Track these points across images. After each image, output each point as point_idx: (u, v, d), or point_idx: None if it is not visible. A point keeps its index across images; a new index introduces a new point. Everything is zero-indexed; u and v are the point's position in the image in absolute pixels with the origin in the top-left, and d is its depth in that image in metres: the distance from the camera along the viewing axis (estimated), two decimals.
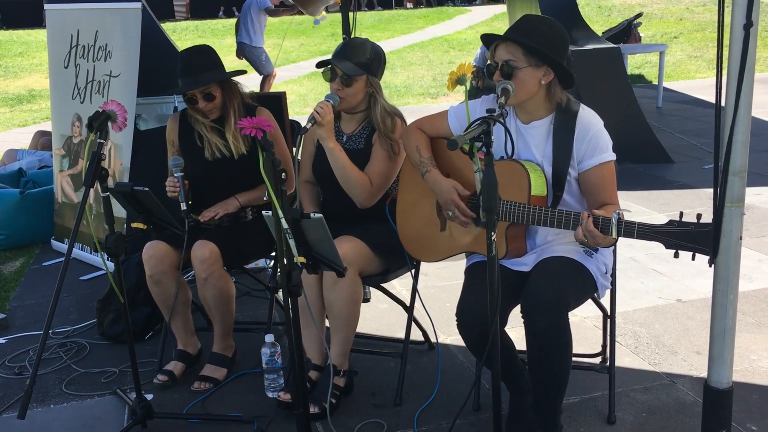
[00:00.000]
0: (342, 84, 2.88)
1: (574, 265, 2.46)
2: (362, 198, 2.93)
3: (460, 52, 14.96)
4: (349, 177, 2.89)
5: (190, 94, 3.12)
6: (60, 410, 3.08)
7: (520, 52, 2.40)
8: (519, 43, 2.40)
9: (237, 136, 3.17)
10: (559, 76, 2.47)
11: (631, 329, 3.50)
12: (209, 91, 3.13)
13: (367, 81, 2.91)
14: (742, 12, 2.04)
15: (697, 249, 2.13)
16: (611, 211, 2.23)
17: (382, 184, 2.95)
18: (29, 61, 15.08)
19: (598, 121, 2.50)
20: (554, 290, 2.33)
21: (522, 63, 2.40)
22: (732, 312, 2.27)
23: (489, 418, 2.70)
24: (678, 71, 12.38)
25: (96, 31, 4.59)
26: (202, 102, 3.13)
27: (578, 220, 2.29)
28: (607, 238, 2.24)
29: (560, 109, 2.50)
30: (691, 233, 2.13)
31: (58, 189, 5.10)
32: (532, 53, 2.40)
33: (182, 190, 3.02)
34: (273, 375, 3.03)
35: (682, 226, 2.14)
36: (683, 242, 2.14)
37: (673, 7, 17.79)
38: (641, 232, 2.20)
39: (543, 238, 2.57)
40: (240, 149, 3.18)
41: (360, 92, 2.91)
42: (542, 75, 2.43)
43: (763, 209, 5.16)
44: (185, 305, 3.23)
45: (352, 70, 2.86)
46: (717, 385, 2.33)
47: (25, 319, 4.03)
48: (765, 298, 3.76)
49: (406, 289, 3.32)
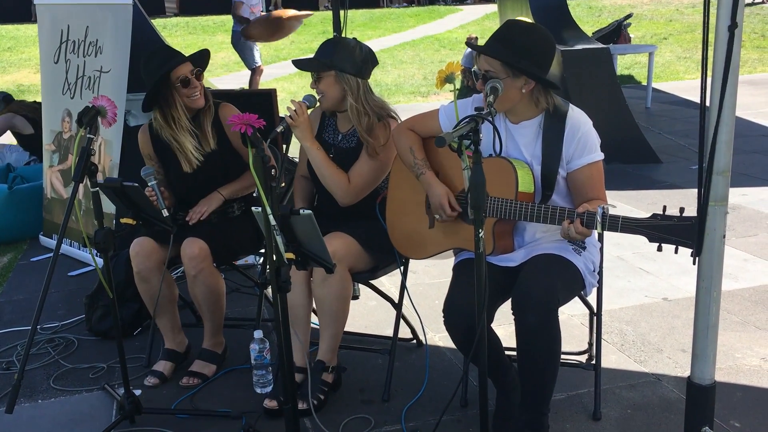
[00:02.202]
0: (314, 82, 2.91)
1: (563, 263, 2.48)
2: (340, 196, 2.94)
3: (451, 51, 14.98)
4: (326, 175, 2.91)
5: (182, 74, 3.09)
6: (48, 405, 3.08)
7: (498, 64, 2.42)
8: (498, 57, 2.42)
9: (206, 132, 3.17)
10: (543, 83, 2.48)
11: (617, 327, 3.53)
12: (196, 69, 3.14)
13: (337, 77, 2.89)
14: (727, 14, 2.07)
15: (680, 242, 2.17)
16: (596, 205, 2.27)
17: (361, 185, 2.94)
18: (18, 56, 14.99)
19: (587, 121, 2.53)
20: (544, 287, 2.36)
21: (501, 74, 2.41)
22: (715, 309, 2.30)
23: (476, 415, 2.72)
24: (667, 72, 12.45)
25: (86, 26, 4.58)
26: (195, 81, 3.12)
27: (563, 215, 2.32)
28: (590, 232, 2.28)
29: (549, 110, 2.52)
30: (674, 226, 2.16)
31: (48, 184, 5.08)
32: (509, 66, 2.42)
33: (160, 198, 2.95)
34: (262, 371, 3.04)
35: (665, 219, 2.17)
36: (666, 235, 2.17)
37: (662, 8, 17.90)
38: (625, 226, 2.23)
39: (531, 235, 2.59)
40: (210, 145, 3.18)
41: (331, 88, 2.90)
42: (522, 84, 2.44)
43: (749, 209, 5.21)
44: (172, 303, 3.22)
45: (317, 67, 2.88)
46: (700, 382, 2.36)
47: (13, 314, 4.02)
48: (750, 297, 3.81)
49: (395, 286, 3.33)
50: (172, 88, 3.11)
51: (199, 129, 3.19)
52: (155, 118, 3.18)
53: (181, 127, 3.15)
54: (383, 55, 14.39)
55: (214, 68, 12.38)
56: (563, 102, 2.55)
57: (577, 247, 2.55)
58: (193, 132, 3.17)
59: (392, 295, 3.23)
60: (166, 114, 3.14)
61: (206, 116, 3.22)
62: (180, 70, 3.10)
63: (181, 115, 3.15)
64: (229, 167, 3.26)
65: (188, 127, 3.16)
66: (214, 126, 3.22)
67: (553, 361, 2.42)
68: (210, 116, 3.22)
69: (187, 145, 3.15)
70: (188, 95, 3.13)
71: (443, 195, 2.61)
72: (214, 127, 3.22)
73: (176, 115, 3.14)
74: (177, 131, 3.15)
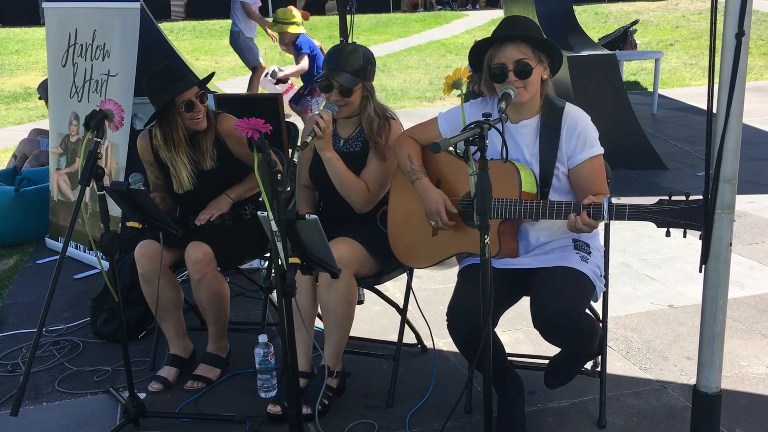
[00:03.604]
0: (341, 95, 2.89)
1: (574, 274, 2.47)
2: (360, 204, 2.95)
3: (457, 56, 14.98)
4: (347, 185, 2.90)
5: (187, 98, 3.07)
6: (53, 408, 3.08)
7: (530, 50, 2.44)
8: (529, 40, 2.45)
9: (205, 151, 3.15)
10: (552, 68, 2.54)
11: (622, 334, 3.52)
12: (200, 91, 3.12)
13: (363, 87, 2.93)
14: (734, 21, 2.07)
15: (689, 225, 2.18)
16: (601, 198, 2.29)
17: (378, 190, 2.98)
18: (26, 59, 15.05)
19: (584, 117, 2.55)
20: (565, 310, 2.36)
21: (533, 61, 2.44)
22: (721, 317, 2.29)
23: (480, 421, 2.72)
24: (673, 78, 12.43)
25: (94, 30, 4.59)
26: (199, 105, 3.10)
27: (569, 208, 2.33)
28: (597, 223, 2.33)
29: (547, 108, 2.54)
30: (682, 210, 2.18)
31: (54, 187, 5.10)
32: (538, 48, 2.45)
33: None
34: (266, 375, 3.04)
35: (672, 204, 2.19)
36: (674, 219, 2.19)
37: (669, 14, 17.88)
38: (632, 213, 2.25)
39: (536, 239, 2.59)
40: (207, 164, 3.16)
41: (358, 99, 2.93)
42: (543, 70, 2.49)
43: (755, 217, 5.20)
44: (177, 307, 3.22)
45: (351, 82, 2.86)
46: (706, 390, 2.35)
47: (19, 316, 4.03)
48: (756, 305, 3.79)
49: (400, 291, 3.33)
50: (175, 111, 3.09)
51: (197, 149, 3.17)
52: (155, 136, 3.18)
53: (180, 151, 3.14)
54: (389, 60, 14.41)
55: (220, 72, 12.37)
56: (559, 100, 2.57)
57: (582, 253, 2.55)
58: (190, 156, 3.16)
59: (397, 300, 3.23)
60: (166, 135, 3.13)
61: (206, 136, 3.18)
62: (185, 95, 3.07)
63: (181, 139, 3.13)
64: (229, 182, 3.25)
65: (186, 152, 3.15)
66: (214, 143, 3.20)
67: (594, 344, 2.59)
68: (211, 136, 3.19)
69: (182, 170, 3.14)
70: (191, 118, 3.11)
71: (439, 200, 2.60)
72: (214, 145, 3.20)
73: (176, 138, 3.13)
74: (174, 154, 3.14)
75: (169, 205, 3.29)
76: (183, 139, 3.14)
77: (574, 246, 2.56)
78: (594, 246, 2.62)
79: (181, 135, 3.13)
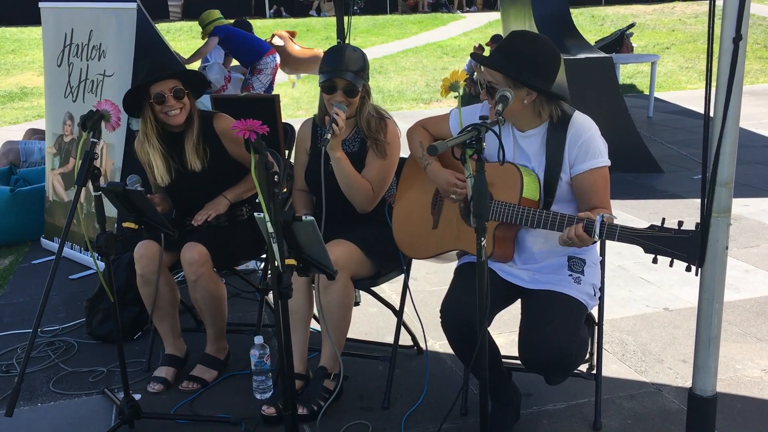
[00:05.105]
0: (346, 96, 2.90)
1: (567, 303, 2.45)
2: (364, 204, 2.97)
3: (454, 58, 15.01)
4: (354, 185, 2.92)
5: (159, 90, 3.03)
6: (47, 409, 3.07)
7: (500, 76, 2.42)
8: (501, 69, 2.42)
9: (191, 151, 3.13)
10: (545, 95, 2.48)
11: (618, 337, 3.52)
12: (178, 87, 3.07)
13: (363, 87, 2.95)
14: (732, 26, 2.08)
15: (676, 255, 2.14)
16: (596, 214, 2.26)
17: (379, 188, 3.00)
18: (21, 59, 15.03)
19: (591, 126, 2.51)
20: (554, 357, 2.34)
21: (503, 86, 2.42)
22: (717, 321, 2.30)
23: (476, 423, 2.72)
24: (669, 82, 12.47)
25: (90, 30, 4.59)
26: (171, 100, 3.05)
27: (564, 221, 2.31)
28: (590, 239, 2.28)
29: (555, 117, 2.52)
30: (671, 239, 2.14)
31: (49, 187, 5.09)
32: (510, 78, 2.41)
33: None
34: (262, 377, 3.03)
35: (662, 231, 2.16)
36: (662, 247, 2.15)
37: (665, 18, 17.94)
38: (622, 235, 2.22)
39: (530, 251, 2.57)
40: (197, 165, 3.14)
41: (357, 99, 2.94)
42: (525, 95, 2.44)
43: (751, 220, 5.21)
44: (173, 307, 3.21)
45: (357, 81, 2.89)
46: (701, 393, 2.36)
47: (14, 317, 4.01)
48: (751, 308, 3.80)
49: (396, 293, 3.33)
50: (147, 102, 3.08)
51: (180, 149, 3.14)
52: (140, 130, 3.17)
53: (152, 146, 3.12)
54: (386, 62, 14.44)
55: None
56: (569, 108, 2.55)
57: (576, 273, 2.52)
58: (163, 153, 3.13)
59: (393, 302, 3.23)
60: (143, 129, 3.13)
61: (189, 137, 3.14)
62: (158, 86, 3.04)
63: (151, 133, 3.12)
64: (225, 183, 3.24)
65: (157, 147, 3.13)
66: (208, 141, 3.18)
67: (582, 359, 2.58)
68: (194, 137, 3.14)
69: (157, 160, 3.13)
70: (161, 111, 3.07)
71: (450, 174, 2.62)
72: (207, 143, 3.18)
73: (147, 128, 3.12)
74: (148, 145, 3.13)
75: (170, 206, 3.28)
76: (153, 134, 3.11)
77: (568, 265, 2.54)
78: (590, 261, 2.59)
79: (150, 129, 3.11)
